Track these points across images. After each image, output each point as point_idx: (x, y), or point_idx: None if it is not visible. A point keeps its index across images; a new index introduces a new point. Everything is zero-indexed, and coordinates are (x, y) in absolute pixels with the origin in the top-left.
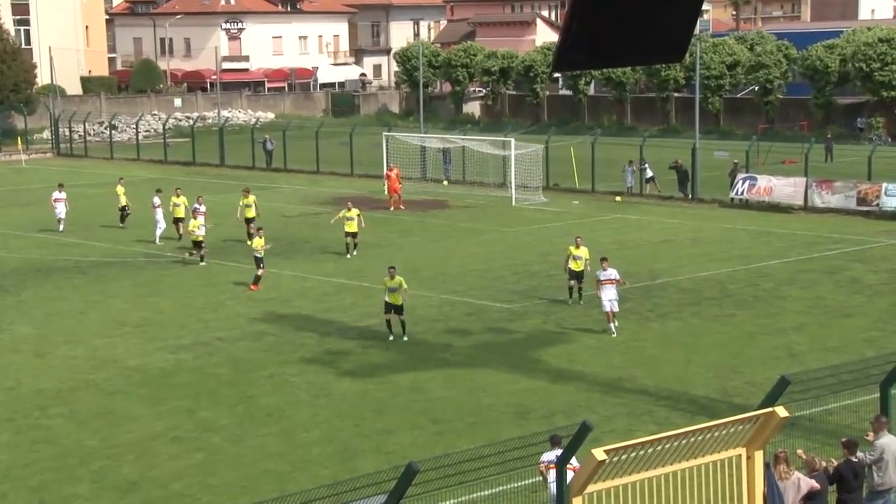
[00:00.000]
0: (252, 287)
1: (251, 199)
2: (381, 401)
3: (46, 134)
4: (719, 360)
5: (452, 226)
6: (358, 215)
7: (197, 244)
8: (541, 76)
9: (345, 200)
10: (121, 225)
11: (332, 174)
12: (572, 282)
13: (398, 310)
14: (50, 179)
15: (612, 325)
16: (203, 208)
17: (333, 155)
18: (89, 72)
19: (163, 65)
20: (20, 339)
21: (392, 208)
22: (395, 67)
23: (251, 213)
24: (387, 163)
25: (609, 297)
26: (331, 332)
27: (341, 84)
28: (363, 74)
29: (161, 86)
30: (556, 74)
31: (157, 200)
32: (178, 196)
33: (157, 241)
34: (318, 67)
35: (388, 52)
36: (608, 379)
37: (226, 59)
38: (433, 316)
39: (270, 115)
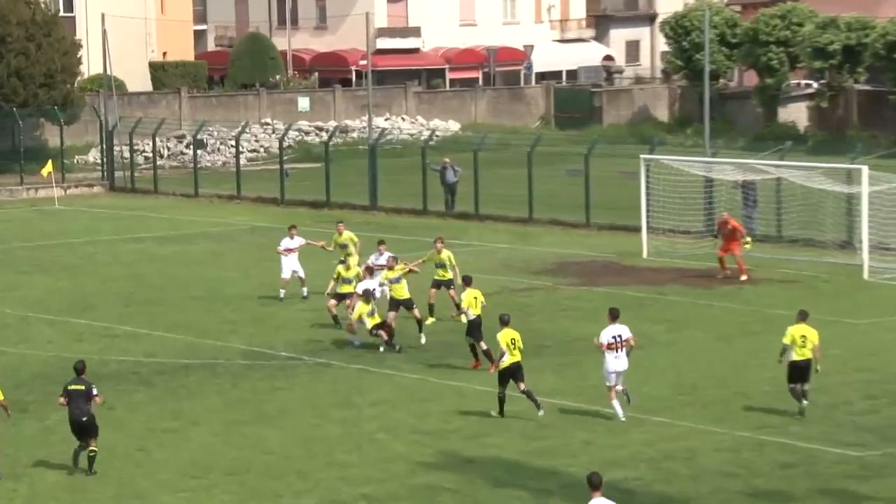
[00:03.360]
0: (475, 365)
1: (445, 254)
2: None
3: (94, 155)
4: None
5: (757, 312)
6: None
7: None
8: None
9: (570, 267)
10: (304, 296)
11: (553, 223)
12: (795, 385)
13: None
14: (99, 228)
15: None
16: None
17: (556, 191)
18: (164, 55)
19: (281, 43)
20: (45, 493)
21: (720, 275)
22: (662, 46)
23: (446, 275)
24: (646, 201)
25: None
26: (552, 491)
27: (571, 74)
28: (609, 58)
29: (277, 77)
30: None
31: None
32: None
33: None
34: (532, 46)
35: (650, 20)
36: None
37: (383, 32)
38: (725, 466)
39: (454, 126)
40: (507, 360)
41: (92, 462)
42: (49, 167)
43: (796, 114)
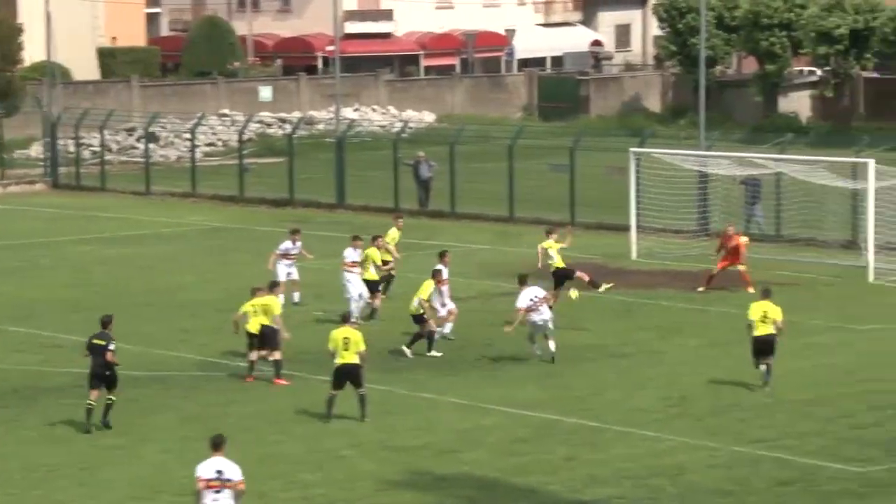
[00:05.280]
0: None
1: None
2: None
3: (36, 150)
4: None
5: None
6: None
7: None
8: None
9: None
10: (295, 301)
11: (535, 222)
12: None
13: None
14: (42, 229)
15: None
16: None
17: (539, 187)
18: (113, 40)
19: (241, 27)
20: None
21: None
22: (654, 30)
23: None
24: (636, 198)
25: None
26: None
27: (556, 60)
28: (597, 43)
29: (236, 64)
30: None
31: (348, 254)
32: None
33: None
34: (514, 31)
35: (642, 2)
36: None
37: (351, 16)
38: (717, 484)
39: (428, 117)
40: (337, 360)
41: (108, 410)
42: None
43: (798, 104)
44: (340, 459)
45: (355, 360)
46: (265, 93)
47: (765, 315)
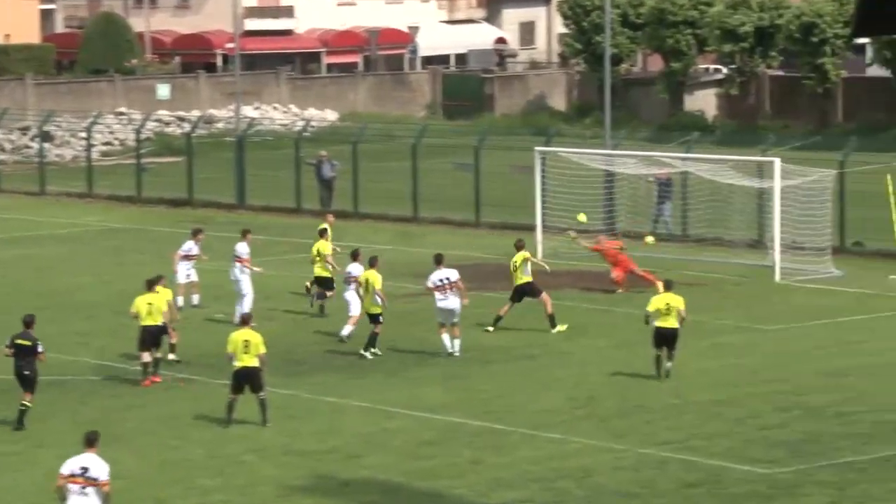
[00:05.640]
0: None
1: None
2: None
3: None
4: None
5: None
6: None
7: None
8: (832, 44)
9: (458, 270)
10: (195, 304)
11: (439, 222)
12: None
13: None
14: None
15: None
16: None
17: (443, 187)
18: (6, 37)
19: (138, 24)
20: None
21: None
22: (559, 28)
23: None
24: (542, 197)
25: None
26: None
27: (460, 58)
28: (501, 41)
29: (134, 61)
30: (862, 40)
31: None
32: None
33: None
34: (418, 28)
35: (546, 0)
36: None
37: (252, 12)
38: (623, 486)
39: (331, 115)
40: (237, 363)
41: (23, 415)
42: None
43: (704, 102)
44: (241, 464)
45: (255, 363)
46: (163, 91)
47: (668, 306)
